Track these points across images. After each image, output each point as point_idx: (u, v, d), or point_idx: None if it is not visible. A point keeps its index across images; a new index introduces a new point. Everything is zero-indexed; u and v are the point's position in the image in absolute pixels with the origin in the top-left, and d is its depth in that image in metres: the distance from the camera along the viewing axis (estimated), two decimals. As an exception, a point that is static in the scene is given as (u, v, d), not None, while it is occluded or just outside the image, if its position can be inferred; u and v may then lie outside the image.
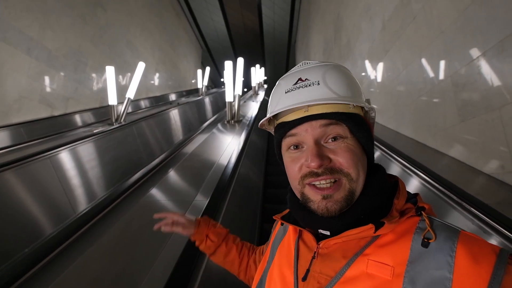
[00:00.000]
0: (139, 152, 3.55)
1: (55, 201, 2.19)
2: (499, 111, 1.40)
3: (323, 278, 0.40)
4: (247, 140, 2.89)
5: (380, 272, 0.36)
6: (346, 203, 0.40)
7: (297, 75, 0.44)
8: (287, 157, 0.44)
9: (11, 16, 3.68)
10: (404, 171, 1.77)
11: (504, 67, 1.38)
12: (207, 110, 6.98)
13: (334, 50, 5.49)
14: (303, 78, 0.43)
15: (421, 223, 0.38)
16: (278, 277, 0.47)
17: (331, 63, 0.45)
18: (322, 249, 0.43)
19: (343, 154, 0.40)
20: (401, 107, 2.59)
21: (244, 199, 2.02)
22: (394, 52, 2.71)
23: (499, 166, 1.42)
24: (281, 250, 0.51)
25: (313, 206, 0.41)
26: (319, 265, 0.42)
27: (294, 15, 12.42)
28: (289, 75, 0.46)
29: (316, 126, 0.41)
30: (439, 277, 0.33)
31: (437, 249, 0.35)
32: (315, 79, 0.42)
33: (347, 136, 0.41)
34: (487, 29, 1.47)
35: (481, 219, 1.08)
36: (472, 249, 0.34)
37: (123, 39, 6.84)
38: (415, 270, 0.34)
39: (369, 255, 0.38)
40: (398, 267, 0.36)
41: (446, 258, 0.33)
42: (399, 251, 0.37)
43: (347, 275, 0.38)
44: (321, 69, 0.43)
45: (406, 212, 0.40)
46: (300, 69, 0.45)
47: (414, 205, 0.41)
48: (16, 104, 3.79)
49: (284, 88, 0.44)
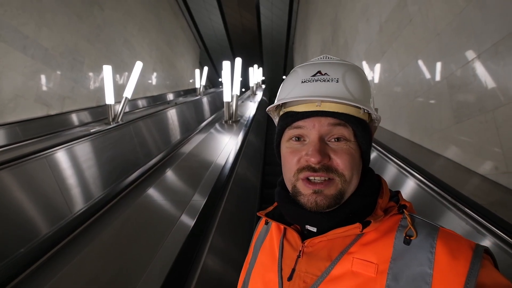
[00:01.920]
0: (136, 152, 3.53)
1: (51, 201, 2.18)
2: (493, 112, 1.42)
3: (309, 277, 0.41)
4: (244, 140, 2.90)
5: (364, 269, 0.37)
6: (334, 201, 0.40)
7: (318, 67, 0.43)
8: (287, 147, 0.44)
9: (6, 14, 3.64)
10: (400, 171, 1.79)
11: (498, 70, 1.40)
12: (205, 110, 6.97)
13: (331, 51, 5.51)
14: (323, 72, 0.42)
15: (403, 221, 0.40)
16: (261, 278, 0.47)
17: (352, 63, 0.45)
18: (307, 248, 0.43)
19: (343, 156, 0.40)
20: (398, 108, 2.62)
21: (241, 199, 2.02)
22: (391, 53, 2.73)
23: (493, 167, 1.44)
24: (264, 249, 0.50)
25: (302, 199, 0.41)
26: (304, 264, 0.42)
27: (292, 15, 12.44)
28: (308, 65, 0.45)
29: (324, 123, 0.41)
30: (421, 273, 0.34)
31: (418, 246, 0.36)
32: (335, 75, 0.41)
33: (351, 139, 0.41)
34: (482, 32, 1.49)
35: (475, 219, 1.10)
36: (451, 245, 0.35)
37: (120, 38, 6.80)
38: (398, 267, 0.36)
39: (354, 253, 0.39)
40: (382, 264, 0.37)
41: (426, 255, 0.35)
42: (382, 249, 0.38)
43: (333, 274, 0.39)
44: (342, 67, 0.43)
45: (389, 211, 0.41)
46: (321, 62, 0.44)
47: (396, 203, 0.42)
48: (11, 103, 3.75)
49: (301, 77, 0.43)
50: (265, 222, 0.54)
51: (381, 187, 0.45)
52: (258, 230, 0.56)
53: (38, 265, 1.06)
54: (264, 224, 0.55)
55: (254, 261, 0.51)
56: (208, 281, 1.03)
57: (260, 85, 11.86)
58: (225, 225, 1.44)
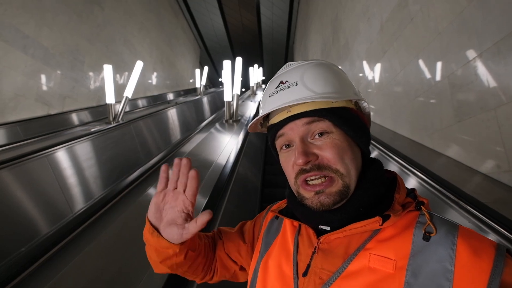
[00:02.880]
0: (137, 152, 3.53)
1: (52, 200, 2.17)
2: (494, 111, 1.42)
3: (325, 273, 0.41)
4: (245, 140, 2.89)
5: (382, 266, 0.37)
6: (340, 197, 0.40)
7: (279, 78, 0.46)
8: (281, 157, 0.46)
9: (7, 13, 3.64)
10: (401, 170, 1.79)
11: (499, 69, 1.39)
12: (205, 110, 6.97)
13: (332, 50, 5.51)
14: (284, 81, 0.44)
15: (421, 218, 0.39)
16: (276, 271, 0.47)
17: (312, 61, 0.46)
18: (323, 244, 0.43)
19: (328, 150, 0.41)
20: (398, 108, 2.61)
21: (242, 199, 2.02)
22: (391, 53, 2.73)
23: (495, 166, 1.44)
24: (277, 244, 0.50)
25: (308, 202, 0.42)
26: (320, 260, 0.42)
27: (293, 15, 12.44)
28: (274, 78, 0.48)
29: (299, 125, 0.42)
30: (441, 269, 0.34)
31: (438, 242, 0.36)
32: (293, 80, 0.44)
33: (332, 131, 0.42)
34: (483, 31, 1.49)
35: (477, 217, 1.10)
36: (472, 243, 0.35)
37: (120, 37, 6.79)
38: (417, 263, 0.35)
39: (371, 249, 0.39)
40: (400, 260, 0.36)
41: (447, 251, 0.34)
42: (401, 245, 0.38)
43: (349, 270, 0.39)
44: (299, 70, 0.44)
45: (407, 206, 0.41)
46: (282, 72, 0.47)
47: (413, 199, 0.42)
48: (11, 102, 3.75)
49: (269, 92, 0.46)
50: (275, 216, 0.54)
51: (397, 182, 0.44)
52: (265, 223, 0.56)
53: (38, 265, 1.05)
54: (273, 218, 0.55)
55: (265, 251, 0.51)
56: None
57: (261, 85, 11.86)
58: (226, 224, 1.43)
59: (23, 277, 0.99)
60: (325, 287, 0.40)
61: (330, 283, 0.39)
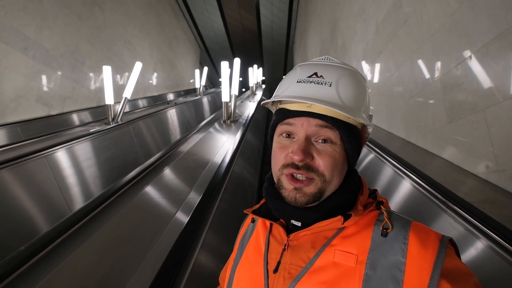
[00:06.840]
0: (136, 152, 3.57)
1: (51, 200, 2.21)
2: (483, 112, 1.44)
3: (294, 268, 0.43)
4: (242, 140, 2.92)
5: (345, 260, 0.40)
6: (313, 198, 0.43)
7: (315, 68, 0.44)
8: (277, 142, 0.46)
9: (7, 16, 3.69)
10: (394, 171, 1.81)
11: (488, 70, 1.41)
12: (205, 110, 7.00)
13: (330, 51, 5.53)
14: (319, 74, 0.43)
15: (380, 216, 0.43)
16: (247, 272, 0.49)
17: (350, 68, 0.45)
18: (292, 241, 0.45)
19: (325, 158, 0.42)
20: (393, 108, 2.63)
21: (237, 198, 2.04)
22: (387, 54, 2.75)
23: (484, 166, 1.46)
24: (250, 246, 0.52)
25: (284, 193, 0.43)
26: (289, 256, 0.44)
27: (292, 16, 12.46)
28: (307, 64, 0.46)
29: (312, 124, 0.42)
30: (395, 261, 0.37)
31: (393, 238, 0.40)
32: (329, 79, 0.43)
33: (337, 142, 0.43)
34: (473, 33, 1.51)
35: (464, 217, 1.12)
36: (421, 236, 0.39)
37: (120, 38, 6.84)
38: (375, 257, 0.39)
39: (335, 246, 0.42)
40: (361, 255, 0.40)
41: (400, 245, 0.38)
42: (361, 241, 0.41)
43: (316, 265, 0.42)
44: (338, 72, 0.43)
45: (368, 206, 0.44)
46: (320, 63, 0.45)
47: (374, 200, 0.46)
48: (12, 103, 3.80)
49: (298, 77, 0.44)
50: (251, 220, 0.56)
51: (361, 185, 0.47)
52: (243, 228, 0.58)
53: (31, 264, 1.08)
54: (250, 222, 0.57)
55: (239, 257, 0.53)
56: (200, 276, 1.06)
57: (260, 85, 11.88)
58: (219, 222, 1.46)
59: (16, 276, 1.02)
60: (294, 282, 0.42)
61: (299, 278, 0.42)
